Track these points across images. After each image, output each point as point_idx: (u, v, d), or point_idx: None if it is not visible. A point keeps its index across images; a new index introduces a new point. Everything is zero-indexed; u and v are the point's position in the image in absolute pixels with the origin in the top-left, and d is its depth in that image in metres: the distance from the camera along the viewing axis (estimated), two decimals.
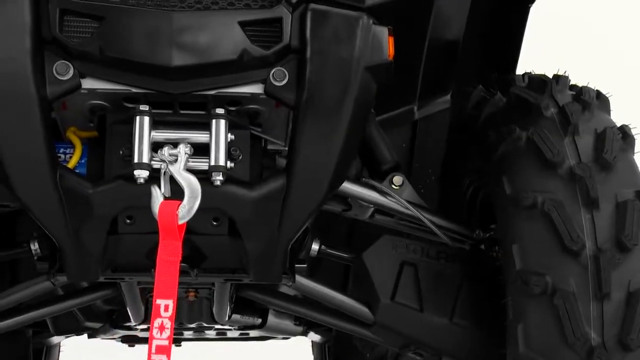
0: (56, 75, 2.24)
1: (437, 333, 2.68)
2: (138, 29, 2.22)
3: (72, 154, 2.40)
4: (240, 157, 2.34)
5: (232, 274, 2.52)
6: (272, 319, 3.36)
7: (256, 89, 2.33)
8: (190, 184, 2.24)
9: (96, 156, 2.38)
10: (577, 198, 2.33)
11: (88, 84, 2.28)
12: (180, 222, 2.22)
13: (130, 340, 3.64)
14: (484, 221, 2.86)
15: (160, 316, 2.19)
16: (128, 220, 2.34)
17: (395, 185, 2.76)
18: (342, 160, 2.33)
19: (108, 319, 3.30)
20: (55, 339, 4.06)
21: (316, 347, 4.71)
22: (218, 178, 2.27)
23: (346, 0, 2.28)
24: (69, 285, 2.78)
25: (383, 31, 2.31)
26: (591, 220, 2.31)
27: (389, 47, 2.31)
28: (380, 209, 2.76)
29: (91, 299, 2.82)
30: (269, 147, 2.57)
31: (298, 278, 2.58)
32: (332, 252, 2.82)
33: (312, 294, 2.70)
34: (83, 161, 2.39)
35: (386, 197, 2.70)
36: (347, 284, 3.33)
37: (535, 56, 3.13)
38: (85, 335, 3.63)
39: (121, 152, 2.31)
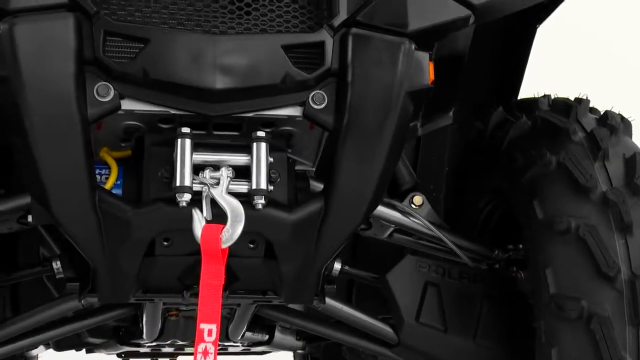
0: (97, 96, 2.22)
1: (461, 354, 2.70)
2: (183, 52, 2.20)
3: (108, 175, 2.37)
4: (279, 180, 2.34)
5: (262, 296, 2.51)
6: (277, 334, 3.36)
7: (294, 111, 2.33)
8: (234, 208, 2.23)
9: (132, 177, 2.36)
10: (610, 223, 2.37)
11: (127, 105, 2.26)
12: (224, 246, 2.21)
13: (132, 356, 3.61)
14: (497, 240, 2.89)
15: (204, 341, 2.18)
16: (165, 243, 2.32)
17: (415, 205, 2.79)
18: (380, 183, 2.35)
19: (114, 335, 3.27)
20: (35, 351, 4.01)
21: (299, 357, 4.71)
22: (260, 202, 2.26)
23: (389, 25, 2.28)
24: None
25: (424, 56, 2.32)
26: (625, 245, 2.35)
27: (429, 72, 2.32)
28: (399, 229, 2.77)
29: (108, 317, 2.80)
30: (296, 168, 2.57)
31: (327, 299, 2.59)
32: (355, 271, 2.82)
33: (338, 315, 2.71)
34: (119, 182, 2.37)
35: (407, 217, 2.72)
36: (350, 298, 3.34)
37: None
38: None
39: (160, 173, 2.29)
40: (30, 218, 2.43)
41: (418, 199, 2.80)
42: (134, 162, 2.38)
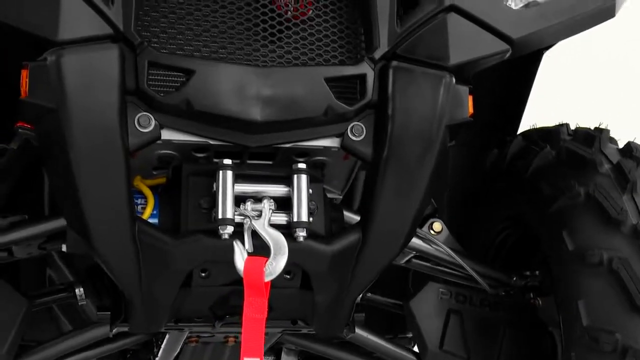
0: (138, 127, 2.20)
1: None
2: (227, 84, 2.19)
3: (144, 204, 2.35)
4: (316, 211, 2.33)
5: (292, 325, 2.51)
6: (283, 355, 3.36)
7: (332, 142, 2.33)
8: (277, 241, 2.22)
9: (168, 207, 2.34)
10: None
11: (166, 135, 2.25)
12: (267, 279, 2.21)
13: None
14: (509, 266, 2.92)
15: None
16: (203, 274, 2.31)
17: (435, 232, 2.80)
18: (418, 215, 2.36)
19: (121, 357, 3.24)
20: None
21: None
22: (302, 234, 2.26)
23: (430, 59, 2.29)
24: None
25: (464, 90, 2.34)
26: None
27: (469, 106, 2.34)
28: (419, 255, 2.78)
29: (127, 343, 2.78)
30: None
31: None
32: (377, 298, 2.83)
33: (364, 343, 2.71)
34: (155, 212, 2.35)
35: (428, 244, 2.73)
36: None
37: None
38: None
39: (199, 204, 2.28)
40: (64, 247, 2.39)
41: (437, 226, 2.81)
42: (170, 192, 2.36)
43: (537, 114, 3.12)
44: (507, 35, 2.34)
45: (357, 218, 2.50)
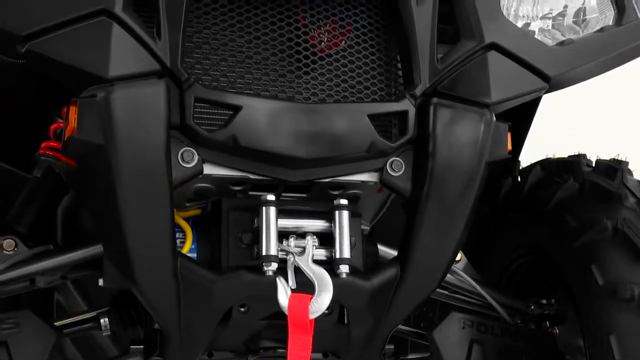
0: (181, 162, 2.19)
1: None
2: (273, 120, 2.19)
3: (183, 239, 2.34)
4: (354, 245, 2.34)
5: (324, 358, 2.51)
6: None
7: (370, 177, 2.34)
8: (322, 278, 2.22)
9: (207, 242, 2.34)
10: None
11: (208, 169, 2.24)
12: (312, 316, 2.20)
13: None
14: (522, 293, 2.95)
15: None
16: (242, 309, 2.31)
17: (455, 260, 2.82)
18: (456, 250, 2.38)
19: None
20: None
21: None
22: (345, 271, 2.26)
23: (471, 96, 2.30)
24: None
25: (504, 127, 2.36)
26: None
27: (507, 143, 2.36)
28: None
29: None
30: None
31: None
32: (401, 327, 2.83)
33: None
34: (193, 246, 2.33)
35: (449, 273, 2.75)
36: None
37: None
38: None
39: (240, 239, 2.27)
40: (100, 281, 2.38)
41: (457, 255, 2.83)
42: (208, 226, 2.35)
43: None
44: (545, 73, 2.37)
45: (387, 250, 2.51)
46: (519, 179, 2.97)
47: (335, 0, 2.34)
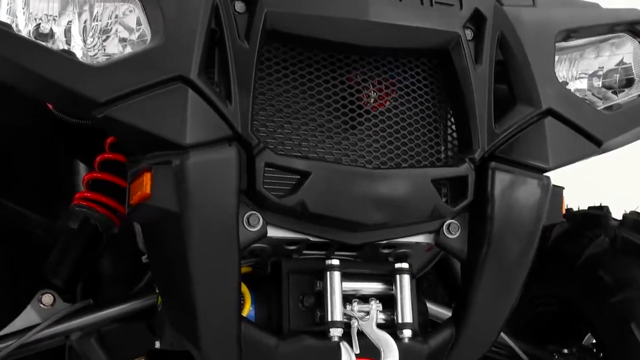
0: (246, 226, 2.18)
1: None
2: (341, 186, 2.19)
3: (242, 301, 2.32)
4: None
5: None
6: None
7: (425, 238, 2.36)
8: (388, 344, 2.23)
9: (265, 304, 2.32)
10: None
11: (271, 232, 2.23)
12: None
13: None
14: (541, 340, 3.00)
15: None
16: None
17: None
18: (511, 311, 2.39)
19: None
20: None
21: None
22: (407, 335, 2.27)
23: (529, 161, 2.33)
24: None
25: (560, 191, 2.39)
26: None
27: (562, 206, 2.39)
28: None
29: None
30: None
31: None
32: None
33: None
34: (251, 308, 2.32)
35: None
36: None
37: None
38: None
39: (301, 302, 2.27)
40: (157, 344, 2.35)
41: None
42: (266, 288, 2.34)
43: None
44: (597, 139, 2.41)
45: (434, 307, 2.53)
46: None
47: (395, 62, 2.35)
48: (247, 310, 2.30)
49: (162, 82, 2.05)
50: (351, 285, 2.28)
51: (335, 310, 2.21)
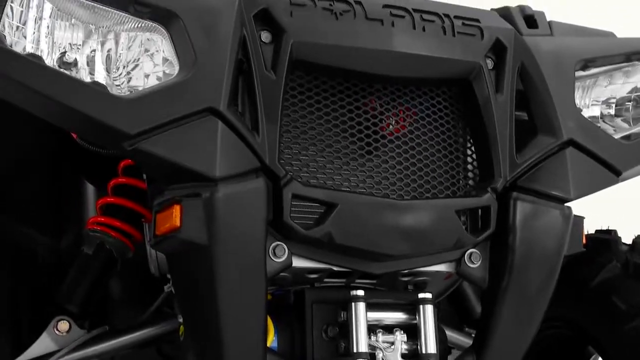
0: (272, 257, 2.17)
1: None
2: (367, 218, 2.19)
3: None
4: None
5: None
6: None
7: (446, 267, 2.37)
8: None
9: (287, 333, 2.32)
10: None
11: (296, 262, 2.23)
12: None
13: None
14: None
15: None
16: None
17: None
18: (532, 339, 2.40)
19: None
20: None
21: None
22: None
23: (552, 191, 2.34)
24: None
25: (580, 221, 2.40)
26: None
27: (583, 236, 2.41)
28: None
29: None
30: None
31: None
32: None
33: None
34: (274, 338, 2.32)
35: None
36: None
37: None
38: None
39: (325, 332, 2.27)
40: None
41: None
42: (288, 317, 2.33)
43: None
44: (617, 169, 2.43)
45: (453, 334, 2.54)
46: None
47: (417, 90, 2.35)
48: (271, 340, 2.29)
49: (192, 114, 2.05)
50: (375, 315, 2.28)
51: (361, 342, 2.21)
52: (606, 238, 2.90)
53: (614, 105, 2.61)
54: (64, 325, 2.49)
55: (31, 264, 2.95)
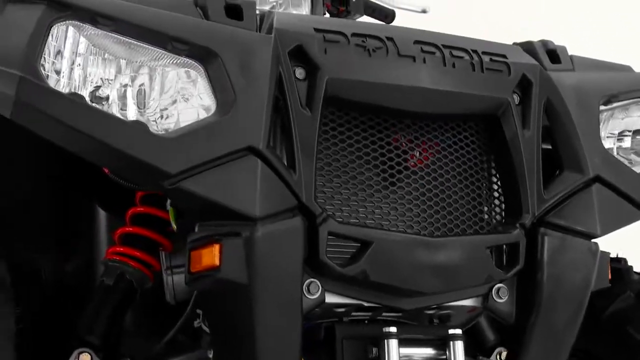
0: (306, 294, 2.17)
1: None
2: (401, 255, 2.20)
3: None
4: None
5: None
6: None
7: (474, 302, 2.37)
8: None
9: None
10: None
11: (329, 299, 2.22)
12: None
13: None
14: None
15: None
16: None
17: None
18: None
19: None
20: None
21: None
22: None
23: (580, 228, 2.36)
24: None
25: (606, 257, 2.42)
26: None
27: (608, 272, 2.43)
28: None
29: None
30: None
31: None
32: None
33: None
34: None
35: None
36: None
37: None
38: None
39: None
40: None
41: (505, 354, 2.88)
42: (319, 353, 2.33)
43: None
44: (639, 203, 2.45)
45: None
46: None
47: (445, 125, 2.36)
48: None
49: (232, 153, 2.04)
50: (405, 351, 2.28)
51: None
52: (617, 267, 2.92)
53: (629, 139, 2.63)
54: (85, 358, 2.47)
55: (36, 290, 2.92)
